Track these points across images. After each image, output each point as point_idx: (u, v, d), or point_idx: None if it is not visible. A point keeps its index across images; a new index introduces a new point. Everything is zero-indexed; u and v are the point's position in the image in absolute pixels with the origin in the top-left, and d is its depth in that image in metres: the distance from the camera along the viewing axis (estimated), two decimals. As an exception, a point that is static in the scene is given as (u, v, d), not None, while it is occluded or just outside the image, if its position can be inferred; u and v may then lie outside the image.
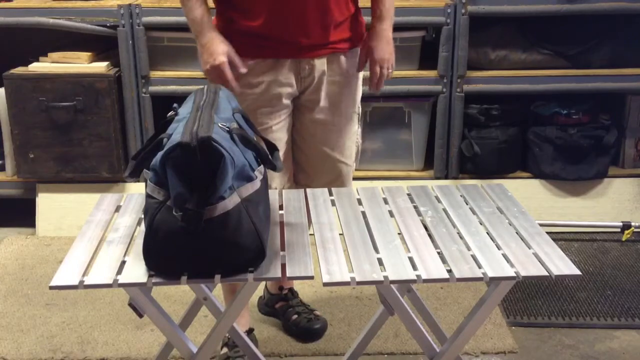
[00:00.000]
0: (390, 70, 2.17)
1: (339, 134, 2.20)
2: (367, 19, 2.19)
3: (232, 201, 1.45)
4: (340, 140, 2.21)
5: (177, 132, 1.48)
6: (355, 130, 2.25)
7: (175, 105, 1.66)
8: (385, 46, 2.13)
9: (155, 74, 3.09)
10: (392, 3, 2.15)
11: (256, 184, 1.53)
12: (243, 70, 2.04)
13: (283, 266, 1.54)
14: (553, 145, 3.12)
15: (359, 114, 2.26)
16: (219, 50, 2.01)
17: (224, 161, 1.42)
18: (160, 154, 1.45)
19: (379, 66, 2.13)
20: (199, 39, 2.04)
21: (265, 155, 1.59)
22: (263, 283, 2.48)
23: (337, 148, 2.21)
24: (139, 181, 1.61)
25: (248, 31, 2.05)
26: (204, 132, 1.43)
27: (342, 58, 2.14)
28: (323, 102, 2.15)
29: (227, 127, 1.53)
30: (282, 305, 2.44)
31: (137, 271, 1.51)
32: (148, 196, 1.50)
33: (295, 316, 2.40)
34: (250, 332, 2.30)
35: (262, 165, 1.59)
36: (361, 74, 2.23)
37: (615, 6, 3.02)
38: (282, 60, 2.08)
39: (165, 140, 1.49)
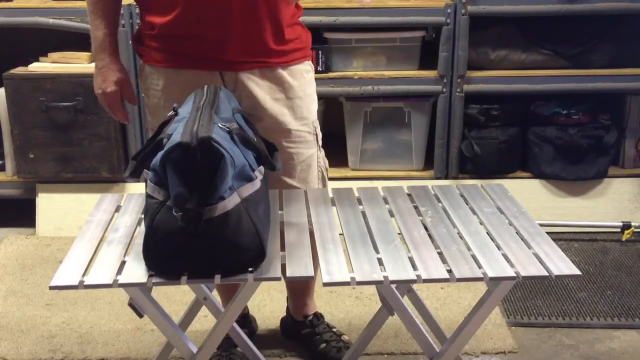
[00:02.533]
0: None
1: (288, 156, 1.96)
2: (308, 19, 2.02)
3: (232, 201, 1.45)
4: (290, 163, 1.98)
5: (177, 132, 1.48)
6: (311, 154, 2.02)
7: (175, 105, 1.67)
8: None
9: (155, 74, 3.09)
10: None
11: (256, 184, 1.53)
12: (134, 103, 2.05)
13: (283, 266, 1.54)
14: (553, 145, 3.12)
15: (316, 135, 2.04)
16: (113, 77, 1.93)
17: (224, 161, 1.42)
18: (160, 154, 1.45)
19: None
20: (97, 61, 1.95)
21: (265, 156, 1.59)
22: (285, 305, 2.41)
23: (288, 172, 1.98)
24: (139, 181, 1.61)
25: (158, 33, 1.88)
26: (204, 132, 1.43)
27: (282, 73, 1.93)
28: (268, 122, 1.93)
29: (227, 128, 1.53)
30: (308, 332, 2.30)
31: (137, 271, 1.51)
32: (148, 196, 1.50)
33: (323, 345, 2.25)
34: (246, 316, 2.28)
35: (262, 166, 1.59)
36: (314, 93, 2.04)
37: (615, 6, 3.02)
38: (197, 72, 1.88)
39: (165, 140, 1.49)
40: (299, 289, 2.29)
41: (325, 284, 1.48)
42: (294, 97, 1.97)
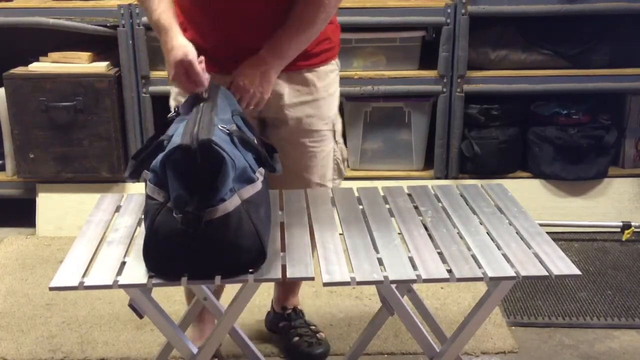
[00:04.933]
0: (250, 106, 1.80)
1: (311, 155, 2.01)
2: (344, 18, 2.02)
3: (232, 203, 1.45)
4: (313, 161, 2.02)
5: (177, 134, 1.48)
6: (330, 149, 2.06)
7: (176, 106, 1.66)
8: (253, 76, 1.79)
9: (155, 74, 3.09)
10: (295, 40, 1.82)
11: (257, 186, 1.53)
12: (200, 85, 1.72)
13: (283, 267, 1.54)
14: (553, 145, 3.12)
15: (334, 131, 2.06)
16: (175, 53, 1.70)
17: (225, 164, 1.42)
18: (160, 156, 1.45)
19: (237, 94, 1.78)
20: (166, 38, 1.74)
21: (265, 158, 1.59)
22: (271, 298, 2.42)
23: (310, 169, 2.03)
24: (138, 181, 1.62)
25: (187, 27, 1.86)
26: (204, 135, 1.43)
27: (309, 75, 1.94)
28: (293, 125, 1.96)
29: (227, 130, 1.53)
30: (285, 325, 2.32)
31: (137, 272, 1.51)
32: (148, 197, 1.50)
33: (296, 338, 2.27)
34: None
35: (262, 167, 1.59)
36: (337, 91, 2.05)
37: (615, 6, 3.01)
38: (222, 76, 1.83)
39: (165, 142, 1.50)
40: (286, 282, 2.27)
41: (325, 284, 1.48)
42: (319, 98, 1.98)
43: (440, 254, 1.60)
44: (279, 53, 1.81)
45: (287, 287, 2.32)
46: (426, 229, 1.73)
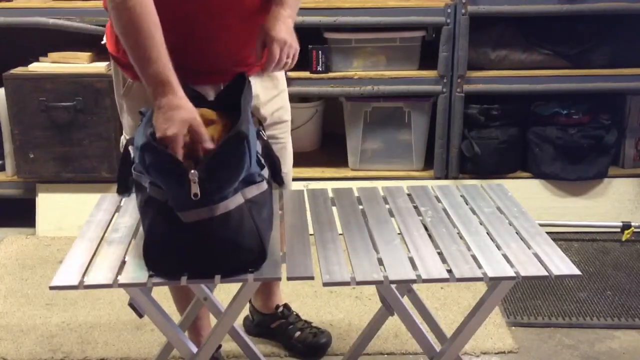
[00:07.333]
0: (289, 58, 1.74)
1: (282, 147, 2.02)
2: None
3: (234, 201, 1.45)
4: (284, 153, 2.03)
5: (139, 135, 1.47)
6: (289, 138, 2.09)
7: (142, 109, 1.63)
8: (283, 27, 1.71)
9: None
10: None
11: (262, 186, 1.53)
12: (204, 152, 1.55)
13: (283, 267, 1.55)
14: (553, 145, 3.12)
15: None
16: (178, 117, 1.50)
17: (241, 168, 1.42)
18: (139, 155, 1.46)
19: (277, 47, 1.69)
20: (157, 100, 1.52)
21: (278, 169, 1.59)
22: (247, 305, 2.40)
23: (287, 162, 2.04)
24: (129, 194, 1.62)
25: None
26: (244, 128, 1.43)
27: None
28: (268, 121, 1.96)
29: (258, 131, 1.53)
30: (281, 324, 2.32)
31: (137, 271, 1.51)
32: (148, 197, 1.50)
33: (298, 333, 2.30)
34: (218, 347, 2.16)
35: (273, 178, 1.59)
36: (284, 88, 2.02)
37: (615, 6, 3.01)
38: (202, 87, 1.76)
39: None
40: (268, 283, 2.26)
41: (325, 284, 1.48)
42: (282, 89, 2.00)
43: (440, 254, 1.60)
44: (289, 5, 1.76)
45: (272, 284, 2.31)
46: (426, 229, 1.73)
